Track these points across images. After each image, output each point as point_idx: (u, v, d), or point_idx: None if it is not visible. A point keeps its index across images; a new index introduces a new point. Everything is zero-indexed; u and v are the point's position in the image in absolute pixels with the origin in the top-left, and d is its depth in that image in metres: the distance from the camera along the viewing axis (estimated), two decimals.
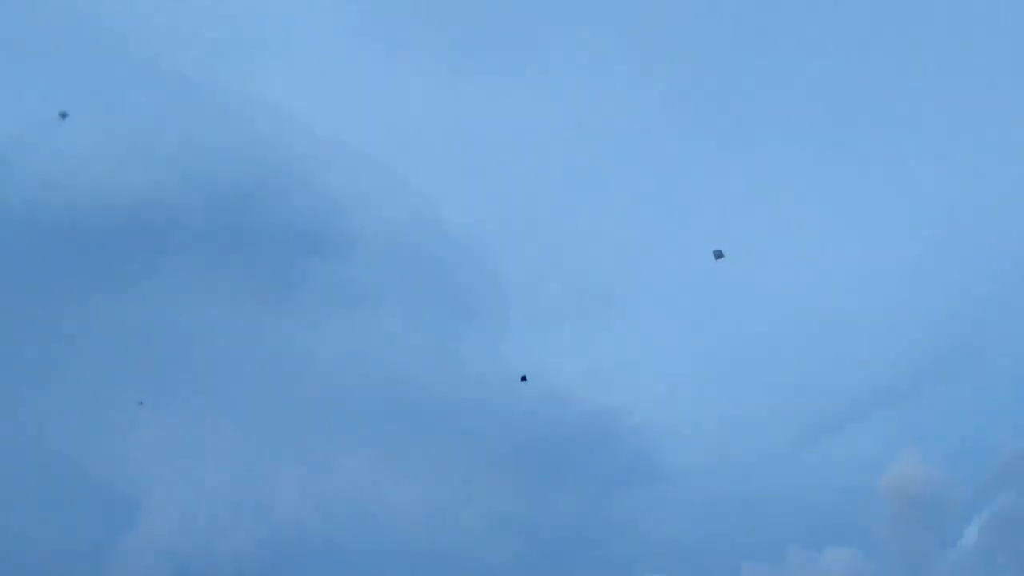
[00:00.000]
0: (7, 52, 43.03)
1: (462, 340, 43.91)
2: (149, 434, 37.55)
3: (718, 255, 28.10)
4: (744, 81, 47.18)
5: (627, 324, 45.98)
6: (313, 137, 43.58)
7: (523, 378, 33.96)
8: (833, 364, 43.21)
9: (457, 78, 47.73)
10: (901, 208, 45.27)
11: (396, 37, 48.29)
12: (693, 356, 44.92)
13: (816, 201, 47.72)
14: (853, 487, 37.79)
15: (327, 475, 38.50)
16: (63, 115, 31.51)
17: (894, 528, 35.22)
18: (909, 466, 35.28)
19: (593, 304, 46.02)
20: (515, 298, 44.86)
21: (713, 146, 46.53)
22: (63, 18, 43.77)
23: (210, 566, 34.32)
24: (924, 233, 43.99)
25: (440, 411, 41.06)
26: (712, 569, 36.87)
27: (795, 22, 47.82)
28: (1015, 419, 38.37)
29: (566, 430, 41.25)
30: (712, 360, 44.99)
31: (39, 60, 43.69)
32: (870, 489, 38.12)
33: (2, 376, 37.02)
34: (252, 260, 43.37)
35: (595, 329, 45.37)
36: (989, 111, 46.98)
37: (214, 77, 43.67)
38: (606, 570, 36.71)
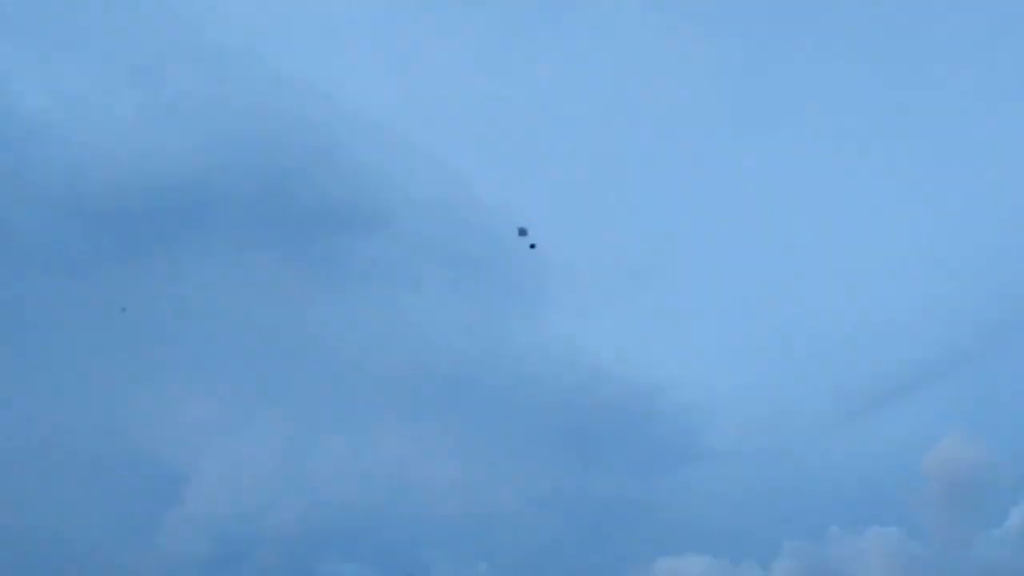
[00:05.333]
0: (49, 28, 43.23)
1: (502, 316, 43.77)
2: (193, 410, 37.92)
3: (522, 232, 27.46)
4: (789, 55, 46.30)
5: (669, 302, 45.53)
6: (350, 116, 43.49)
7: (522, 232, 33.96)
8: (878, 342, 42.56)
9: (495, 58, 47.43)
10: (948, 187, 44.26)
11: (431, 15, 47.96)
12: (736, 335, 44.42)
13: (864, 176, 46.91)
14: (896, 467, 37.23)
15: (367, 449, 38.66)
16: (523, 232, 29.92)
17: (937, 508, 34.66)
18: (954, 446, 34.64)
19: (635, 281, 45.70)
20: (556, 274, 44.64)
21: (754, 120, 45.87)
22: None
23: (252, 536, 34.73)
24: (970, 211, 43.12)
25: (480, 386, 40.98)
26: (753, 548, 36.66)
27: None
28: None
29: (609, 407, 41.00)
30: (755, 338, 44.43)
31: (83, 34, 43.88)
32: (914, 469, 37.62)
33: (47, 352, 37.57)
34: (293, 236, 43.46)
35: (637, 306, 45.09)
36: None
37: (254, 52, 43.69)
38: (646, 548, 36.58)
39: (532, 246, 33.74)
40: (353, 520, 36.36)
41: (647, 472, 40.52)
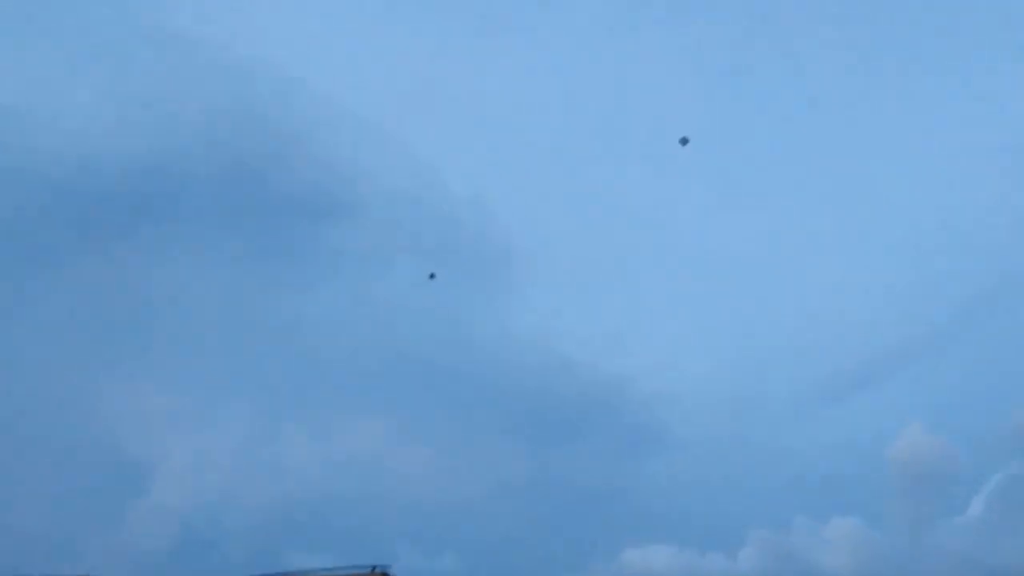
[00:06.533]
0: (16, 9, 42.53)
1: (471, 304, 43.73)
2: (159, 398, 37.54)
3: (684, 142, 27.50)
4: (759, 49, 46.53)
5: (638, 291, 45.78)
6: (319, 102, 43.18)
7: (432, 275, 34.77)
8: (841, 331, 43.08)
9: (462, 40, 47.21)
10: (913, 177, 44.81)
11: (403, 2, 47.71)
12: (702, 322, 44.75)
13: (828, 166, 47.35)
14: (860, 457, 37.69)
15: (334, 439, 38.58)
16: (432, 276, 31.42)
17: (900, 497, 35.24)
18: (916, 437, 35.17)
19: (604, 270, 45.82)
20: (524, 263, 44.66)
21: (726, 108, 46.10)
22: None
23: (220, 529, 34.54)
24: (932, 203, 43.62)
25: (449, 374, 40.93)
26: (719, 538, 36.99)
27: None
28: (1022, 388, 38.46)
29: (577, 396, 41.11)
30: (721, 327, 44.75)
31: (51, 16, 43.20)
32: (877, 459, 38.08)
33: (9, 338, 37.06)
34: (260, 224, 43.15)
35: (606, 295, 45.15)
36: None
37: (220, 39, 43.14)
38: (613, 538, 36.80)
39: (432, 276, 34.81)
40: (320, 511, 36.25)
41: (614, 461, 40.74)
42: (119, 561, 33.23)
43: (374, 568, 13.12)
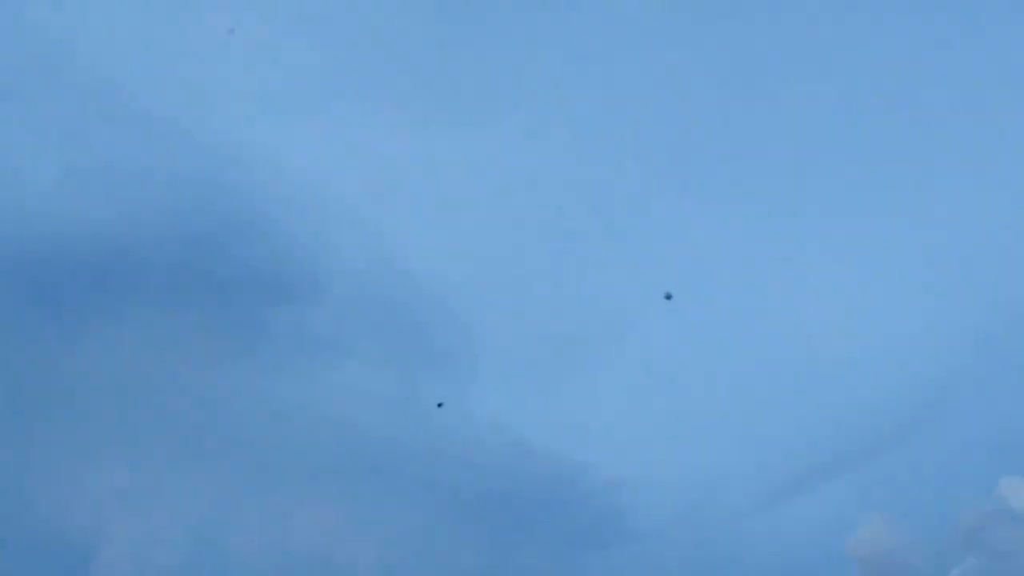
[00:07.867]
0: None
1: (430, 390, 43.42)
2: (106, 482, 36.71)
3: (668, 297, 29.78)
4: (721, 133, 47.48)
5: (598, 378, 45.69)
6: (282, 183, 43.29)
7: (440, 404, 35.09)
8: (801, 423, 43.15)
9: (429, 126, 47.71)
10: (871, 276, 45.54)
11: (368, 84, 48.33)
12: (663, 413, 44.62)
13: (791, 261, 47.99)
14: (820, 549, 37.57)
15: (287, 525, 37.83)
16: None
17: None
18: (875, 528, 35.19)
19: (564, 357, 45.77)
20: (485, 349, 44.50)
21: (683, 199, 46.73)
22: (32, 56, 43.47)
23: None
24: (888, 303, 44.34)
25: (406, 462, 40.46)
26: None
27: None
28: (979, 483, 38.64)
29: (534, 485, 40.73)
30: (681, 417, 44.70)
31: (6, 96, 43.26)
32: (837, 551, 37.94)
33: None
34: (217, 306, 42.80)
35: (566, 382, 45.05)
36: None
37: (183, 119, 43.42)
38: None
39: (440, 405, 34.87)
40: None
41: (574, 551, 40.20)
42: None
43: None
